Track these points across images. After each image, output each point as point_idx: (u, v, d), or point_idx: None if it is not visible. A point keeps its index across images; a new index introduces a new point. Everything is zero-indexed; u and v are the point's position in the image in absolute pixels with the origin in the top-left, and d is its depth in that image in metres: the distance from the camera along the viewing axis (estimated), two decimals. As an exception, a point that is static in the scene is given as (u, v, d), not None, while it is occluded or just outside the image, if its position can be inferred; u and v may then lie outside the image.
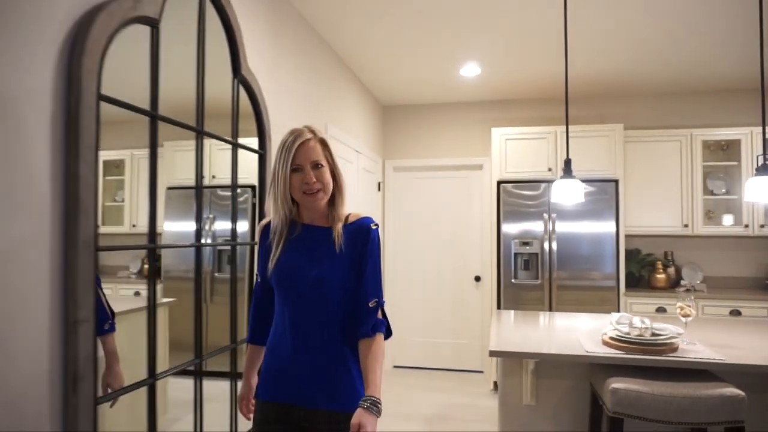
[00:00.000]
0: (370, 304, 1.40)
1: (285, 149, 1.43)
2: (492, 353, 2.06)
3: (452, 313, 4.94)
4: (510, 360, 2.37)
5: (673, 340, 2.02)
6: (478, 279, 4.86)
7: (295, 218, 1.49)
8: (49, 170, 1.31)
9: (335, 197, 1.47)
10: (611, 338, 2.12)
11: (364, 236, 1.43)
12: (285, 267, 1.44)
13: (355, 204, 3.96)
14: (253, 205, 2.38)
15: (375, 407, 1.30)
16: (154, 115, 1.66)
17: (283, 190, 1.42)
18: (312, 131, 1.47)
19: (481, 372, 4.83)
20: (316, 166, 1.43)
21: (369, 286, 1.41)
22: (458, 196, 4.96)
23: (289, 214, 1.47)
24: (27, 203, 1.26)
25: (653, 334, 2.07)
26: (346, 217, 1.47)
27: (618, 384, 1.86)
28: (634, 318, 2.15)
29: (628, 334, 2.09)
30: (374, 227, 1.46)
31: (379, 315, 1.42)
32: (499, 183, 4.25)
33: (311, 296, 1.42)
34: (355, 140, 4.00)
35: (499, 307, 4.18)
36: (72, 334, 1.34)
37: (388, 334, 1.44)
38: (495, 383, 4.34)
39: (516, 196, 4.17)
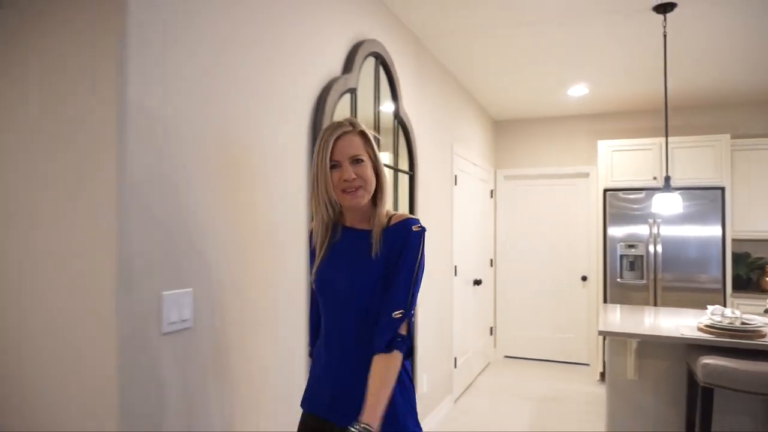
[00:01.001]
0: (394, 315, 1.22)
1: (323, 144, 1.30)
2: (601, 332, 2.57)
3: (559, 309, 5.37)
4: (616, 341, 2.86)
5: (759, 328, 2.42)
6: (584, 279, 5.26)
7: (337, 220, 1.38)
8: (306, 192, 2.07)
9: (377, 197, 1.33)
10: (705, 326, 2.55)
11: (402, 240, 1.26)
12: (322, 274, 1.35)
13: (471, 211, 4.56)
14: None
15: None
16: (353, 154, 2.41)
17: (323, 190, 1.30)
18: (351, 123, 1.33)
19: (587, 365, 5.22)
20: (356, 161, 1.30)
21: (398, 294, 1.24)
22: (565, 201, 5.38)
23: (332, 215, 1.35)
24: (295, 209, 2.01)
25: (742, 323, 2.47)
26: (389, 218, 1.31)
27: (709, 360, 2.31)
28: (726, 309, 2.56)
29: (720, 322, 2.51)
30: (416, 229, 1.28)
31: (403, 330, 1.23)
32: (605, 191, 4.64)
33: (345, 306, 1.31)
34: (472, 154, 4.61)
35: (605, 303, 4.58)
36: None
37: (408, 353, 1.24)
38: (601, 374, 4.74)
39: (622, 200, 4.54)
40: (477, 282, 4.67)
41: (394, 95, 2.85)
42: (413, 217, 1.33)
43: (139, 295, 1.33)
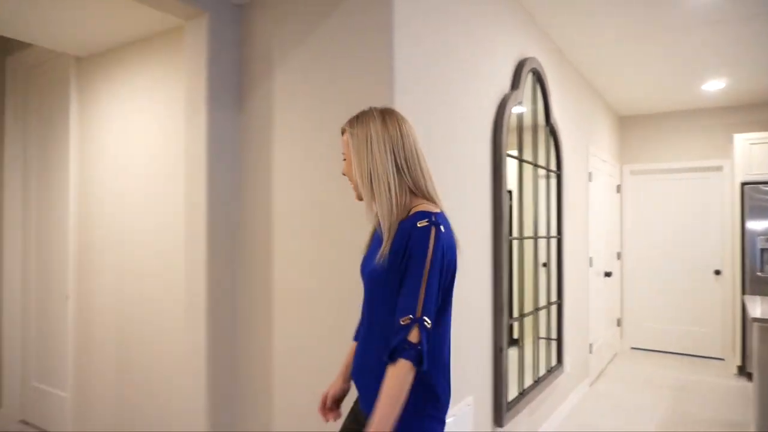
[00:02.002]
0: (401, 321, 1.14)
1: None
2: (756, 319, 2.75)
3: (690, 302, 5.39)
4: (766, 330, 3.00)
5: None
6: (717, 272, 5.24)
7: None
8: (489, 193, 2.48)
9: (363, 192, 1.28)
10: None
11: (406, 236, 1.18)
12: (361, 264, 1.39)
13: (598, 204, 4.75)
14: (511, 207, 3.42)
15: None
16: (520, 159, 2.79)
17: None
18: (348, 122, 1.33)
19: (721, 359, 5.20)
20: (344, 159, 1.37)
21: (405, 300, 1.15)
22: (695, 195, 5.38)
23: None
24: (482, 212, 2.44)
25: None
26: (408, 212, 1.24)
27: None
28: None
29: None
30: (421, 225, 1.17)
31: (413, 337, 1.13)
32: (743, 184, 4.63)
33: (366, 296, 1.32)
34: (602, 151, 4.80)
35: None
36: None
37: (418, 362, 1.13)
38: (739, 367, 4.74)
39: (763, 193, 4.51)
40: (608, 274, 4.86)
41: (546, 105, 3.18)
42: (427, 209, 1.21)
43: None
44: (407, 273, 1.17)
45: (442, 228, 1.19)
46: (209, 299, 2.15)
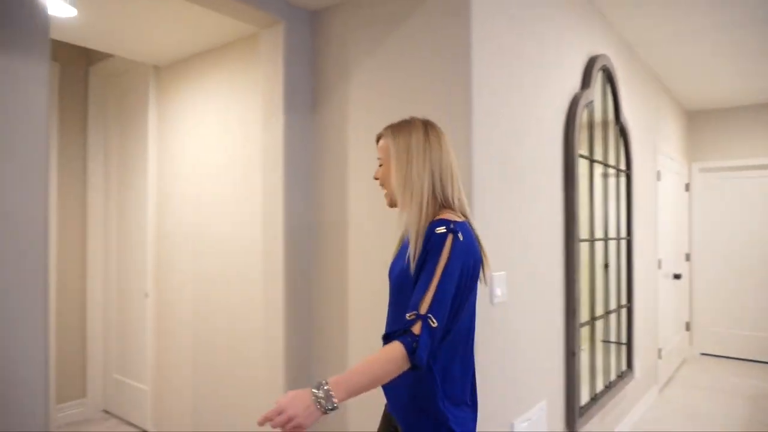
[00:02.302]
0: (407, 316, 1.14)
1: None
2: None
3: (766, 306, 5.10)
4: None
5: None
6: (797, 275, 4.93)
7: None
8: (561, 194, 2.44)
9: (398, 197, 1.31)
10: None
11: (425, 242, 1.21)
12: (389, 270, 1.42)
13: (666, 203, 4.57)
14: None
15: (320, 392, 1.02)
16: (591, 159, 2.72)
17: None
18: (388, 129, 1.37)
19: (802, 367, 4.90)
20: (380, 164, 1.40)
21: (414, 296, 1.16)
22: (772, 194, 5.09)
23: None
24: (554, 213, 2.40)
25: None
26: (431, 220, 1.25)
27: None
28: None
29: None
30: (439, 232, 1.20)
31: (416, 329, 1.11)
32: (827, 182, 4.34)
33: (391, 300, 1.36)
34: (669, 148, 4.61)
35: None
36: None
37: (414, 357, 1.10)
38: (822, 377, 4.45)
39: None
40: (676, 276, 4.67)
41: (616, 102, 3.09)
42: (446, 218, 1.24)
43: (481, 275, 1.81)
44: (421, 275, 1.18)
45: (460, 236, 1.20)
46: (287, 300, 2.21)
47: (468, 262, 1.22)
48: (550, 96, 2.35)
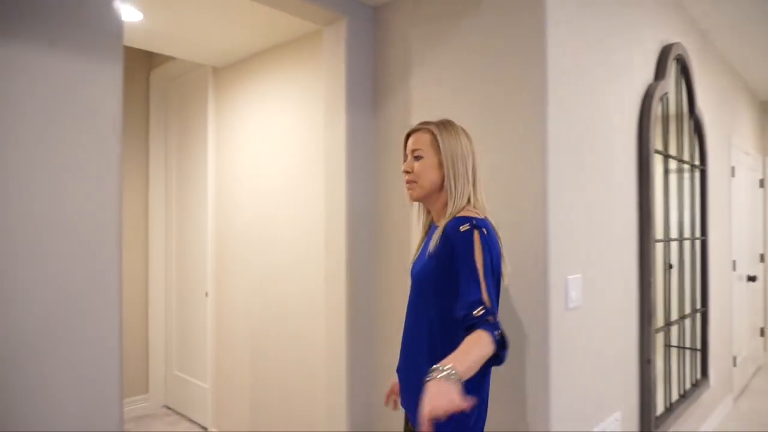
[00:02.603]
0: (475, 313, 1.14)
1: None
2: None
3: None
4: None
5: None
6: None
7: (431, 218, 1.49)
8: (635, 192, 2.30)
9: (448, 195, 1.36)
10: None
11: (450, 241, 1.24)
12: (413, 264, 1.44)
13: (740, 200, 4.28)
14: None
15: (444, 370, 1.01)
16: (666, 155, 2.56)
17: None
18: (427, 123, 1.41)
19: None
20: (416, 157, 1.39)
21: (469, 296, 1.16)
22: None
23: (423, 211, 1.50)
24: (627, 212, 2.26)
25: None
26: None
27: None
28: None
29: None
30: (464, 230, 1.22)
31: (492, 319, 1.15)
32: None
33: (412, 296, 1.38)
34: (743, 142, 4.32)
35: None
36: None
37: (500, 346, 1.13)
38: None
39: None
40: (751, 278, 4.37)
41: (690, 94, 2.90)
42: (468, 215, 1.27)
43: (555, 277, 1.71)
44: (460, 274, 1.19)
45: (485, 230, 1.24)
46: (349, 301, 2.17)
47: (496, 257, 1.26)
48: (622, 86, 2.22)
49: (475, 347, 1.08)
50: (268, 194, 2.86)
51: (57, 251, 1.31)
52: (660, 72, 2.52)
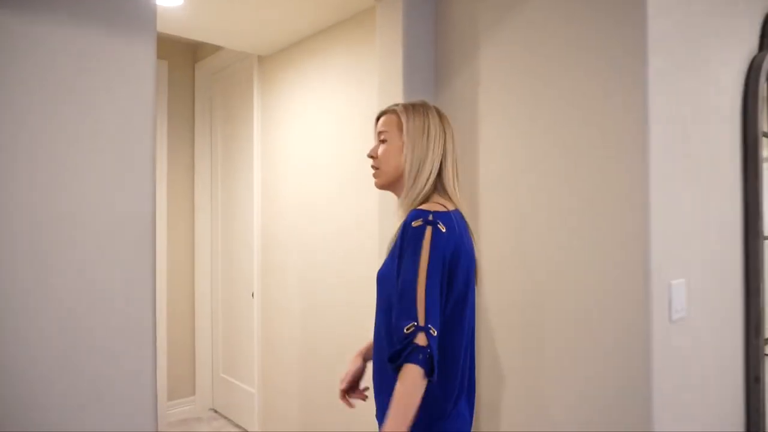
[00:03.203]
0: (405, 330, 1.02)
1: None
2: None
3: None
4: None
5: None
6: None
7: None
8: (739, 182, 1.97)
9: (405, 181, 1.23)
10: None
11: (401, 237, 1.12)
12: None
13: None
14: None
15: None
16: (772, 138, 2.21)
17: None
18: (397, 105, 1.31)
19: None
20: (382, 141, 1.29)
21: (402, 304, 1.05)
22: None
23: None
24: (729, 204, 1.93)
25: None
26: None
27: None
28: None
29: None
30: (416, 225, 1.09)
31: (421, 340, 1.01)
32: None
33: (377, 302, 1.26)
34: None
35: None
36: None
37: (429, 368, 1.01)
38: None
39: None
40: None
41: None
42: (427, 208, 1.13)
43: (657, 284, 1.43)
44: (402, 277, 1.08)
45: (441, 227, 1.09)
46: None
47: (459, 260, 1.12)
48: (723, 58, 1.90)
49: (400, 404, 1.00)
50: (318, 189, 2.66)
51: (83, 249, 1.15)
52: (765, 41, 2.17)
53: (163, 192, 3.35)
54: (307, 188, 2.73)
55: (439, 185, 1.23)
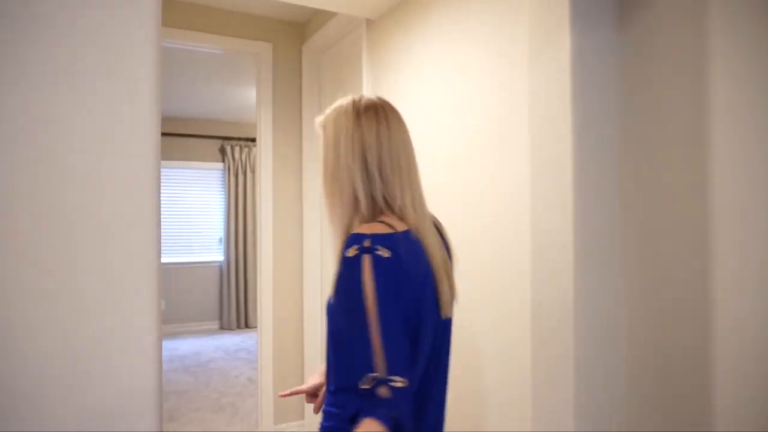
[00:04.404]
0: (360, 385, 0.82)
1: None
2: None
3: None
4: None
5: None
6: None
7: None
8: None
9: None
10: None
11: (337, 271, 0.90)
12: None
13: None
14: None
15: None
16: None
17: None
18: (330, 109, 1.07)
19: None
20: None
21: (353, 359, 0.85)
22: None
23: None
24: None
25: None
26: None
27: None
28: None
29: None
30: (350, 255, 0.87)
31: (384, 392, 0.81)
32: None
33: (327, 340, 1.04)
34: None
35: None
36: None
37: (394, 423, 0.80)
38: None
39: None
40: None
41: None
42: (363, 231, 0.88)
43: None
44: (348, 320, 0.87)
45: (383, 252, 0.86)
46: (576, 320, 1.28)
47: (410, 286, 0.88)
48: None
49: None
50: (445, 169, 2.02)
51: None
52: None
53: (269, 190, 3.05)
54: (431, 168, 2.09)
55: (384, 203, 0.97)
